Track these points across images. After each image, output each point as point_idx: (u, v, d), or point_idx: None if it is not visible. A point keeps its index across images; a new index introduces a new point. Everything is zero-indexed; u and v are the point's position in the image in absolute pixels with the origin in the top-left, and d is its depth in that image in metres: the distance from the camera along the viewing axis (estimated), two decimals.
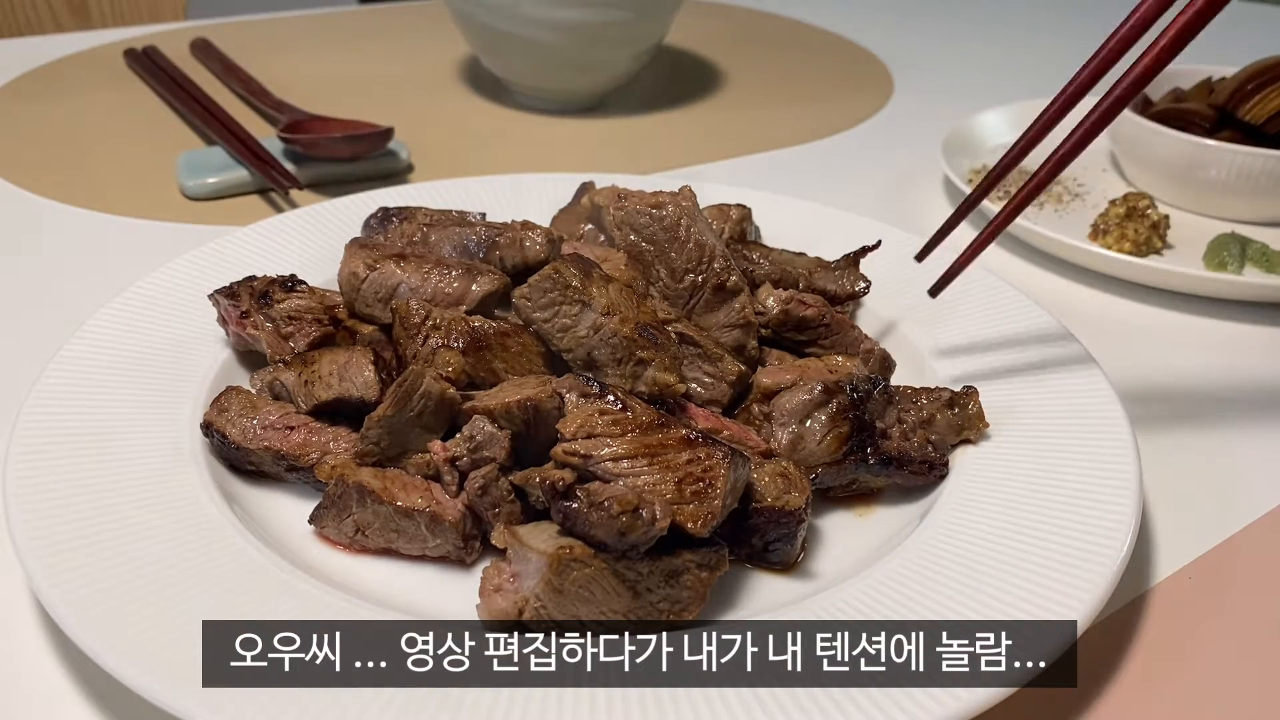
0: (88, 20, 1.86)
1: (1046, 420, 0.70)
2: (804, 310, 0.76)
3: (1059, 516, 0.61)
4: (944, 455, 0.68)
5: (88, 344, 0.72)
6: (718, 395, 0.70)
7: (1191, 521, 0.71)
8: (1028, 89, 1.49)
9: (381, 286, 0.74)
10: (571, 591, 0.54)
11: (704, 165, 1.24)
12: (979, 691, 0.50)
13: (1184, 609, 0.64)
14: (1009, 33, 1.87)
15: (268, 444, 0.65)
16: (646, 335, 0.66)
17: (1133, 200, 1.04)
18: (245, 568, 0.57)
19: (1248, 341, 0.93)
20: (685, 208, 0.75)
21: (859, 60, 1.68)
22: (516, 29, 1.27)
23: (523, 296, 0.68)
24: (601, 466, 0.57)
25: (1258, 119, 1.11)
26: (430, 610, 0.57)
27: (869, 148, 1.33)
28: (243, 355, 0.76)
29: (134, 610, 0.52)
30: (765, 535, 0.60)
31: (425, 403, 0.63)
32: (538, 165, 1.18)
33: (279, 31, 1.69)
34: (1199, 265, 1.01)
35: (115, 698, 0.54)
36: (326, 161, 1.13)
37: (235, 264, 0.84)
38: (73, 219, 1.04)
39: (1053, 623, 0.53)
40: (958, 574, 0.58)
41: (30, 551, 0.55)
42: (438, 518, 0.60)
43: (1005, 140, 1.29)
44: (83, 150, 1.22)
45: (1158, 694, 0.58)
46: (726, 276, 0.74)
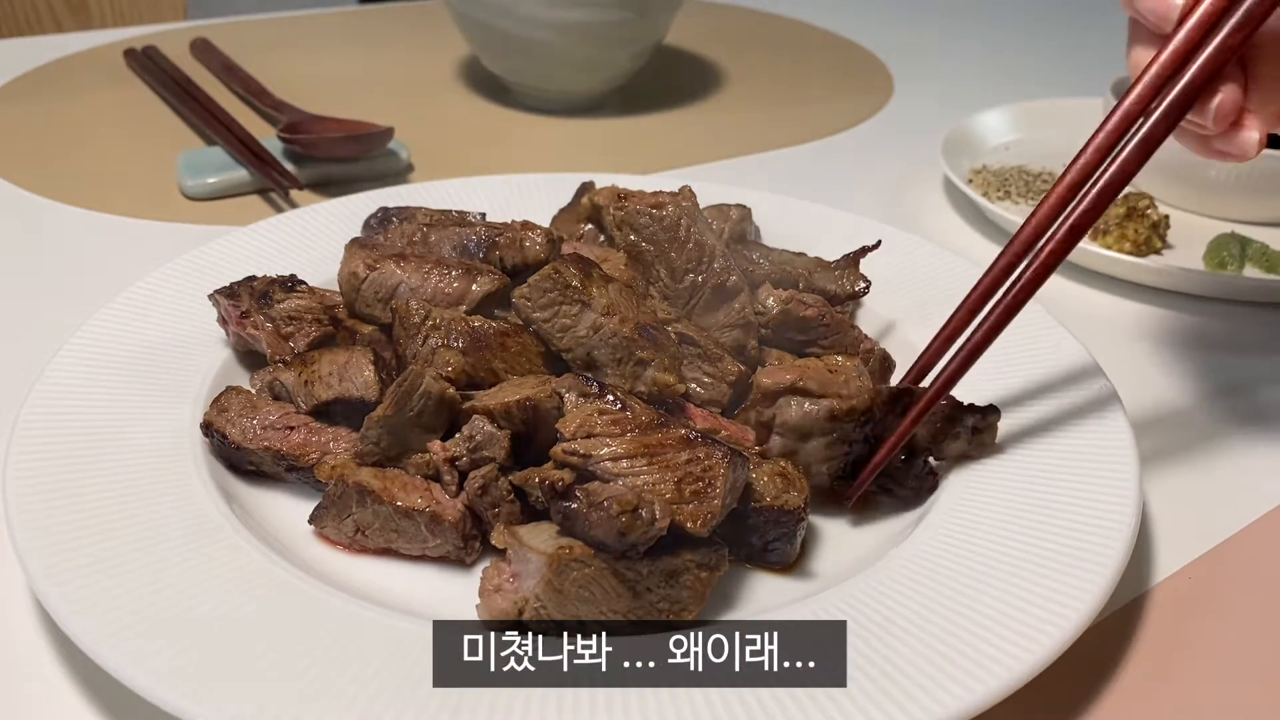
0: (88, 20, 1.86)
1: (1046, 420, 0.70)
2: (804, 310, 0.76)
3: (1059, 516, 0.61)
4: (936, 481, 0.67)
5: (88, 344, 0.72)
6: (717, 395, 0.70)
7: (1191, 521, 0.71)
8: (1028, 89, 1.50)
9: (381, 286, 0.74)
10: (571, 591, 0.54)
11: (704, 165, 1.24)
12: (979, 691, 0.50)
13: (1184, 609, 0.64)
14: (1009, 33, 1.87)
15: (268, 444, 0.65)
16: (646, 335, 0.66)
17: (1133, 200, 1.04)
18: (245, 568, 0.57)
19: (1248, 341, 0.93)
20: (685, 208, 0.75)
21: (859, 60, 1.68)
22: (516, 29, 1.27)
23: (523, 296, 0.68)
24: (601, 466, 0.57)
25: None
26: (430, 610, 0.57)
27: (869, 148, 1.33)
28: (243, 355, 0.76)
29: (134, 610, 0.52)
30: (764, 535, 0.60)
31: (425, 403, 0.63)
32: (538, 165, 1.18)
33: (279, 31, 1.69)
34: (1199, 265, 1.01)
35: (115, 698, 0.54)
36: (326, 161, 1.13)
37: (235, 264, 0.84)
38: (73, 219, 1.04)
39: (1052, 623, 0.53)
40: (957, 574, 0.58)
41: (30, 551, 0.55)
42: (438, 518, 0.60)
43: (1005, 140, 1.29)
44: (83, 150, 1.22)
45: (1158, 694, 0.58)
46: (726, 276, 0.74)
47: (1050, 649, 0.52)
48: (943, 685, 0.50)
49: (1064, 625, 0.53)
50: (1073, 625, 0.53)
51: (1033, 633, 0.53)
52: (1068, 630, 0.53)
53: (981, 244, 1.08)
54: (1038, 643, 0.52)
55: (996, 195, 1.15)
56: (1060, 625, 0.53)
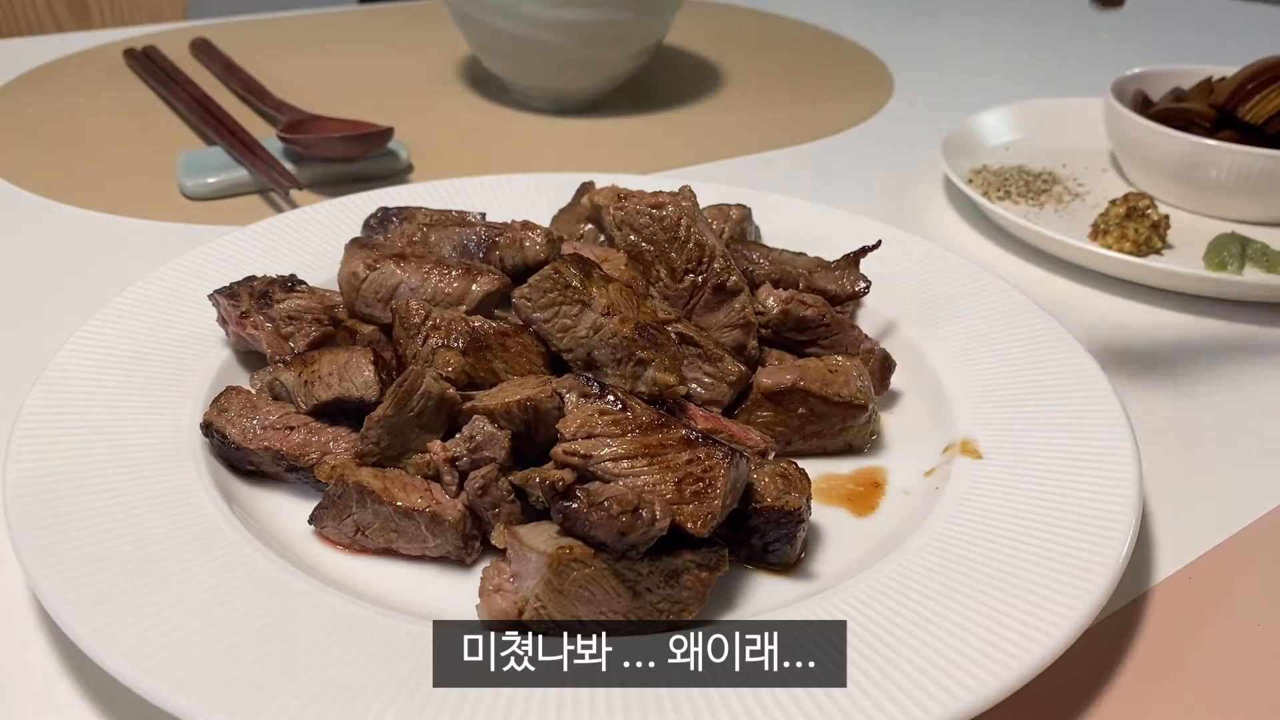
0: (88, 20, 1.86)
1: (1046, 420, 0.70)
2: (804, 310, 0.76)
3: (1059, 517, 0.61)
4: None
5: (88, 344, 0.72)
6: (718, 395, 0.70)
7: (1191, 521, 0.71)
8: (1028, 89, 1.50)
9: (381, 286, 0.74)
10: (571, 591, 0.54)
11: (704, 165, 1.24)
12: (979, 691, 0.50)
13: (1184, 609, 0.64)
14: (1009, 33, 1.87)
15: (268, 444, 0.65)
16: (646, 335, 0.66)
17: (1133, 200, 1.04)
18: (245, 568, 0.57)
19: (1248, 341, 0.93)
20: (685, 208, 0.75)
21: (859, 60, 1.68)
22: (516, 28, 1.27)
23: (523, 296, 0.68)
24: (601, 466, 0.57)
25: (1258, 119, 1.11)
26: (430, 610, 0.57)
27: (869, 148, 1.33)
28: (243, 355, 0.76)
29: (134, 610, 0.52)
30: (765, 535, 0.60)
31: (425, 403, 0.63)
32: (538, 165, 1.18)
33: (279, 31, 1.69)
34: (1199, 265, 1.01)
35: (115, 698, 0.54)
36: (326, 161, 1.13)
37: (235, 264, 0.84)
38: (73, 219, 1.04)
39: (1052, 623, 0.53)
40: (957, 574, 0.58)
41: (30, 551, 0.55)
42: (438, 518, 0.60)
43: (1005, 140, 1.29)
44: (83, 150, 1.22)
45: (1158, 694, 0.58)
46: (726, 276, 0.74)
47: (1050, 649, 0.52)
48: (943, 685, 0.50)
49: (1064, 625, 0.53)
50: (1073, 625, 0.53)
51: (1033, 633, 0.53)
52: (1068, 630, 0.53)
53: (981, 244, 1.08)
54: (1038, 643, 0.52)
55: (996, 195, 1.15)
56: (1060, 625, 0.53)
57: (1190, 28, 1.94)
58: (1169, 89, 1.24)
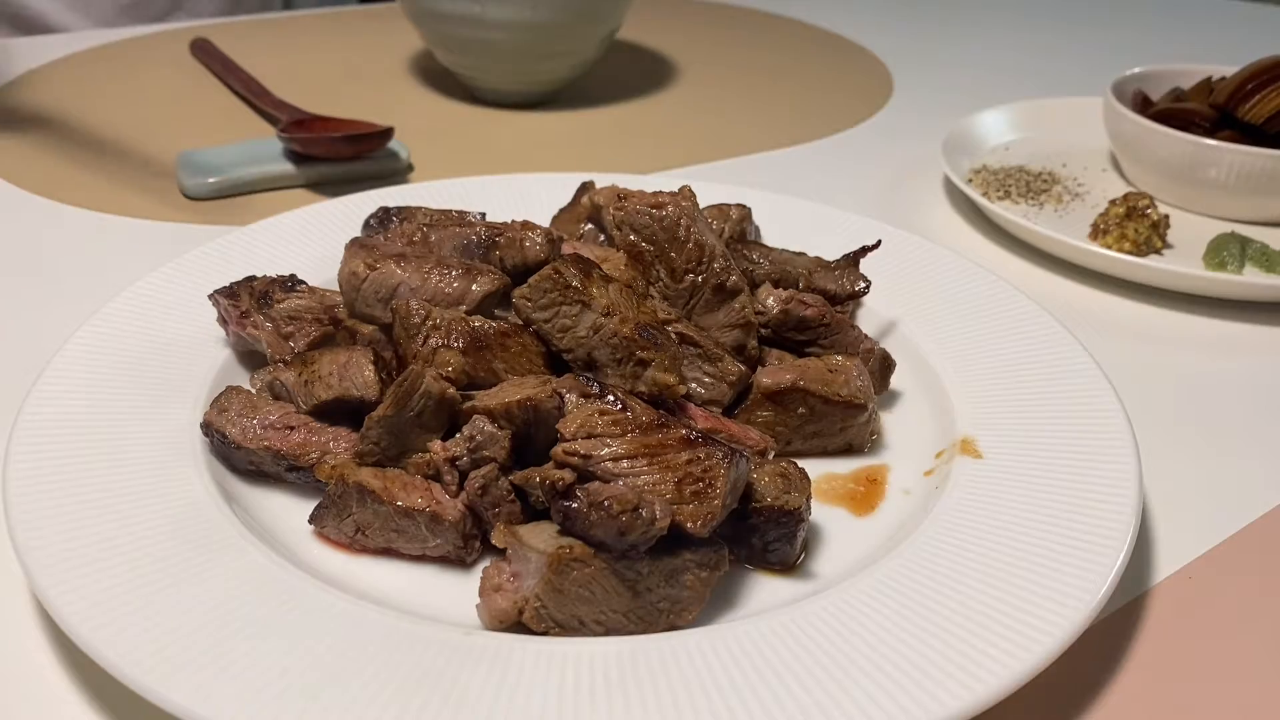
0: None
1: (1046, 420, 0.70)
2: (804, 310, 0.76)
3: (1059, 517, 0.61)
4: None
5: (88, 344, 0.72)
6: (718, 395, 0.70)
7: (1191, 521, 0.71)
8: (1028, 89, 1.50)
9: (381, 286, 0.74)
10: (571, 591, 0.54)
11: (704, 165, 1.24)
12: (979, 691, 0.50)
13: (1184, 609, 0.64)
14: (1009, 33, 1.87)
15: (268, 444, 0.65)
16: (646, 335, 0.66)
17: (1133, 200, 1.04)
18: (245, 567, 0.57)
19: (1248, 341, 0.93)
20: (685, 208, 0.75)
21: (859, 60, 1.68)
22: (470, 30, 1.28)
23: (523, 297, 0.68)
24: (601, 466, 0.57)
25: (1258, 119, 1.11)
26: (430, 610, 0.57)
27: (869, 148, 1.33)
28: (243, 355, 0.76)
29: (134, 610, 0.52)
30: (765, 535, 0.60)
31: (425, 403, 0.63)
32: (538, 165, 1.18)
33: (279, 31, 1.69)
34: (1199, 265, 1.02)
35: (115, 698, 0.54)
36: (326, 161, 1.13)
37: (235, 264, 0.84)
38: (73, 219, 1.04)
39: (1053, 623, 0.53)
40: (957, 574, 0.58)
41: (30, 551, 0.55)
42: (438, 518, 0.60)
43: (1005, 140, 1.30)
44: (83, 150, 1.22)
45: (1158, 694, 0.58)
46: (726, 276, 0.74)
47: (1050, 649, 0.52)
48: (943, 685, 0.50)
49: (1064, 625, 0.53)
50: (1073, 625, 0.53)
51: (1033, 632, 0.53)
52: (1068, 630, 0.53)
53: (981, 244, 1.08)
54: (1038, 642, 0.52)
55: (996, 195, 1.15)
56: (1060, 625, 0.53)
57: (1190, 28, 1.94)
58: (1169, 89, 1.24)
